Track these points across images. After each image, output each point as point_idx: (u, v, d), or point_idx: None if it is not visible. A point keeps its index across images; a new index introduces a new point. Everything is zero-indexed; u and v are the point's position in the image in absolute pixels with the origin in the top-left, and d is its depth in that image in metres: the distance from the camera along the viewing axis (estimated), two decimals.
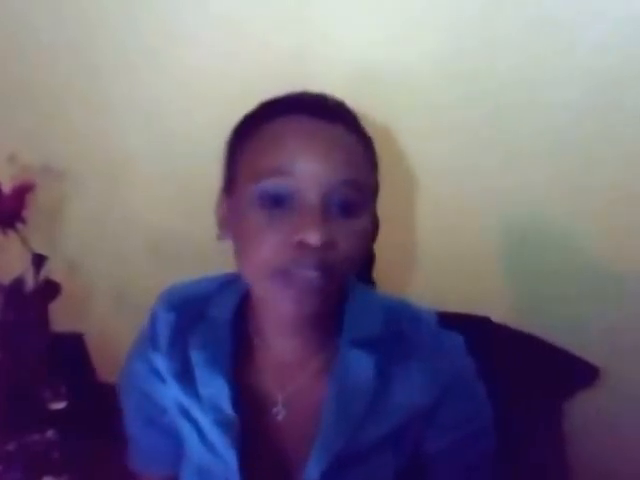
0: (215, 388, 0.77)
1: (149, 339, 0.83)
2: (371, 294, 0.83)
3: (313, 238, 0.65)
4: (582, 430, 1.15)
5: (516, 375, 1.02)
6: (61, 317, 1.32)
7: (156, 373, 0.82)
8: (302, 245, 0.66)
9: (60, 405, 1.16)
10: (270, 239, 0.67)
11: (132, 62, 1.28)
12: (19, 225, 1.24)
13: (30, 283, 1.25)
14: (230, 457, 0.76)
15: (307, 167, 0.67)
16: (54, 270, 1.30)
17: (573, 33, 1.02)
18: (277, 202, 0.67)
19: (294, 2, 1.14)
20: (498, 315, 1.10)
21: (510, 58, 1.06)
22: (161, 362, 0.81)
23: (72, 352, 1.29)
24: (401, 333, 0.78)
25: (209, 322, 0.80)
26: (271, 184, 0.67)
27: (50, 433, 1.10)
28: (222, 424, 0.77)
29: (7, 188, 1.23)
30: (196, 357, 0.79)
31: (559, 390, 1.12)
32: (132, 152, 1.33)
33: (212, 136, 0.74)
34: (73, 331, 1.31)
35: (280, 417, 0.78)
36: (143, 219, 1.37)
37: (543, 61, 1.05)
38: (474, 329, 0.85)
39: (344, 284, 0.72)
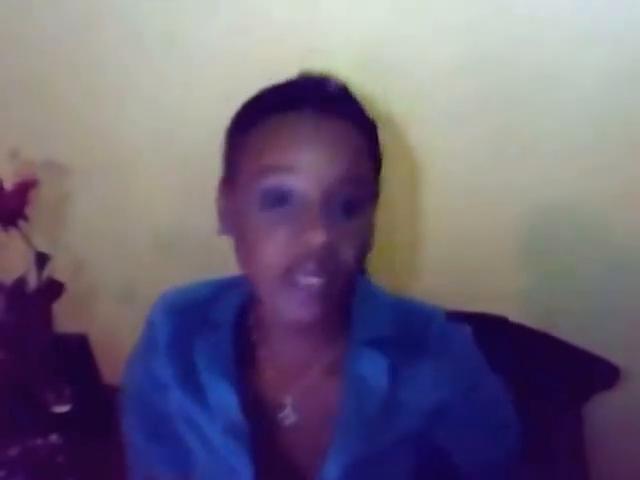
0: (222, 394, 0.77)
1: (148, 346, 0.83)
2: (378, 292, 0.83)
3: (315, 238, 0.65)
4: (602, 433, 1.14)
5: (533, 376, 1.02)
6: (65, 317, 1.30)
7: (157, 380, 0.81)
8: (305, 245, 0.66)
9: (64, 408, 1.15)
10: (273, 242, 0.68)
11: (138, 54, 1.27)
12: (21, 223, 1.22)
13: (33, 283, 1.24)
14: (243, 466, 0.76)
15: (308, 164, 0.67)
16: (58, 269, 1.28)
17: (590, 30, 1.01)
18: (280, 200, 0.68)
19: None
20: (513, 314, 1.09)
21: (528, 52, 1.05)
22: (162, 369, 0.81)
23: (76, 353, 1.27)
24: (411, 333, 0.79)
25: (211, 327, 0.80)
26: (273, 182, 0.68)
27: (54, 437, 1.08)
28: (233, 432, 0.76)
29: (9, 184, 1.21)
30: (201, 363, 0.78)
31: (578, 391, 1.10)
32: (138, 146, 1.32)
33: (221, 128, 0.74)
34: (77, 332, 1.30)
35: (288, 421, 0.79)
36: (151, 216, 1.36)
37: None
38: (490, 329, 0.86)
39: (349, 285, 0.72)
